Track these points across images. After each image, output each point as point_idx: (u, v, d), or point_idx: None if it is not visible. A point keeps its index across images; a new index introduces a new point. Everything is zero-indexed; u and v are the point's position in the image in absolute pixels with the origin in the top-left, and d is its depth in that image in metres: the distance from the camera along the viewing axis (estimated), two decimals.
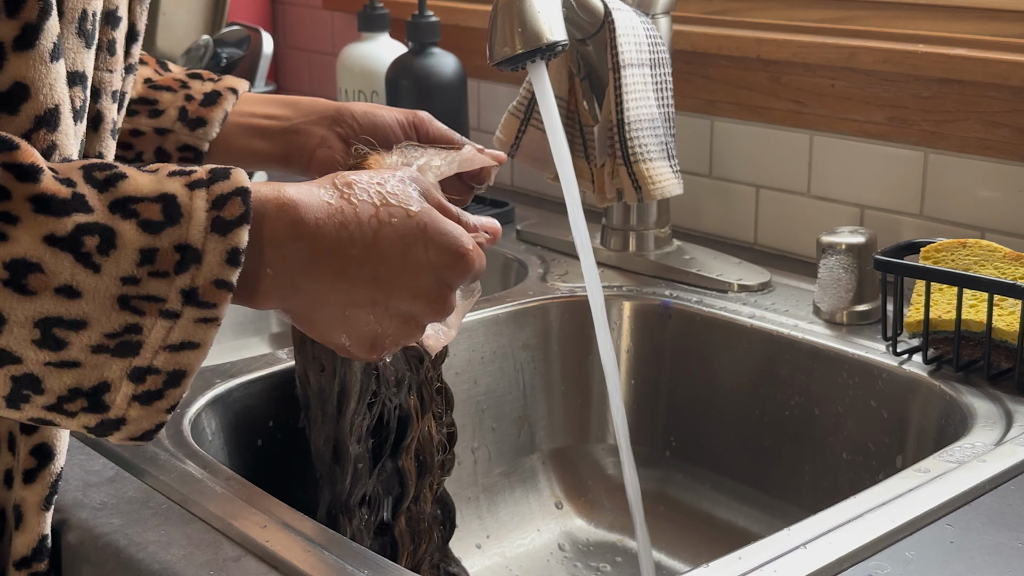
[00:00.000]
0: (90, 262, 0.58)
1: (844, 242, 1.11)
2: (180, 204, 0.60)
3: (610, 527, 1.20)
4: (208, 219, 0.60)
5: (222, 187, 0.61)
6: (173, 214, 0.60)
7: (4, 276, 0.56)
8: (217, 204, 0.61)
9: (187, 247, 0.60)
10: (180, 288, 0.60)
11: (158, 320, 0.59)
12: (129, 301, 0.59)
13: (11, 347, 0.58)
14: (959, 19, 1.23)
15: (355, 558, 0.75)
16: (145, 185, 0.60)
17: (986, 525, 0.78)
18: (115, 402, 0.60)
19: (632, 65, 1.18)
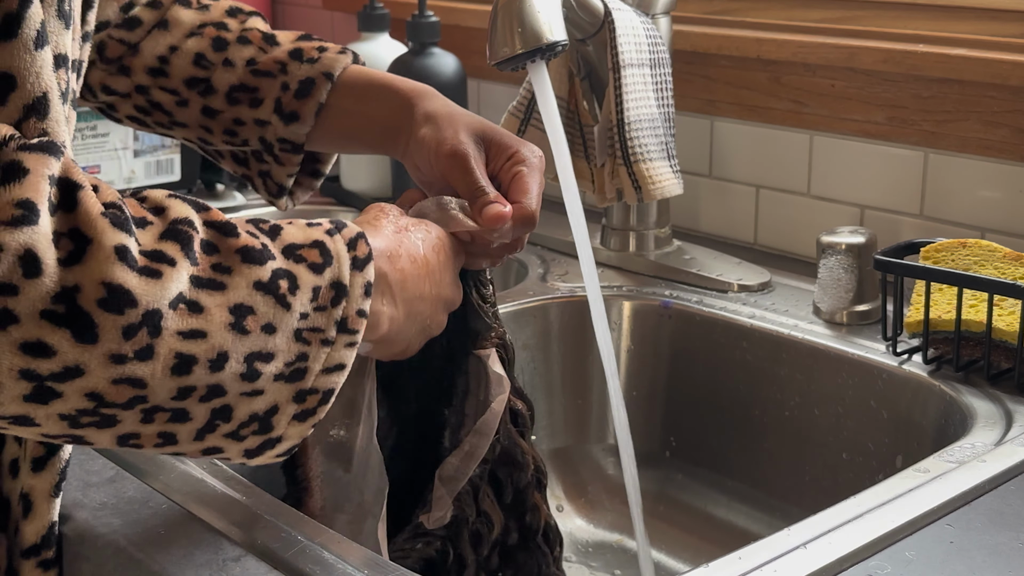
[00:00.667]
0: (284, 302, 0.66)
1: (844, 242, 1.11)
2: (329, 248, 0.69)
3: (610, 527, 1.20)
4: (349, 258, 0.70)
5: (349, 232, 0.71)
6: (327, 257, 0.69)
7: (230, 320, 0.63)
8: (351, 246, 0.70)
9: (340, 284, 0.69)
10: (335, 319, 0.68)
11: (320, 348, 0.68)
12: (302, 333, 0.67)
13: (224, 383, 0.64)
14: (959, 19, 1.23)
15: (356, 558, 0.75)
16: (298, 234, 0.69)
17: (986, 525, 0.78)
18: (280, 423, 0.68)
19: (632, 65, 1.18)
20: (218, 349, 0.63)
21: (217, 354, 0.63)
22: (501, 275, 1.36)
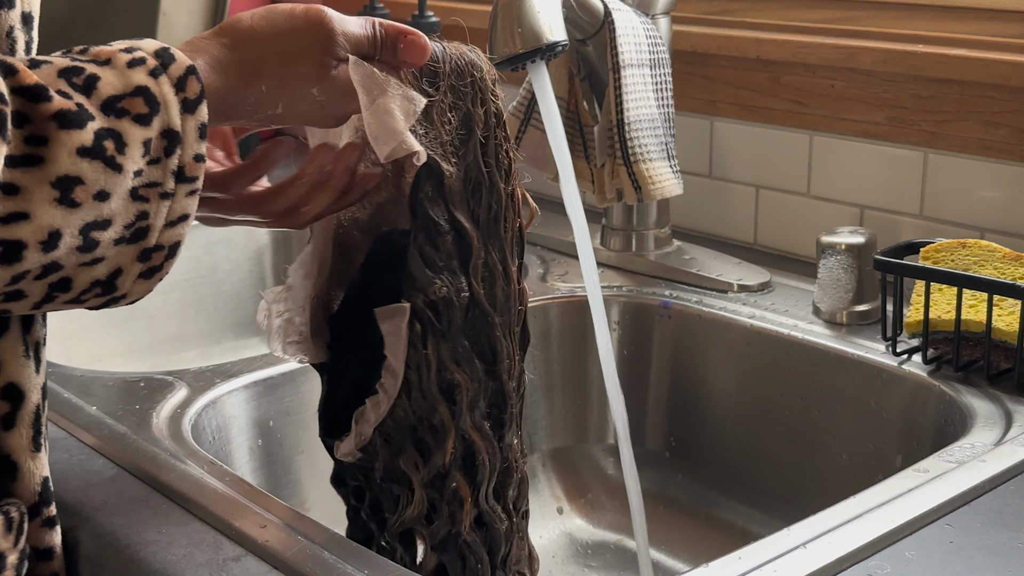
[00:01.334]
0: (114, 163, 0.62)
1: (844, 242, 1.11)
2: (154, 93, 0.64)
3: (610, 527, 1.20)
4: (179, 102, 0.65)
5: (175, 70, 0.65)
6: (153, 105, 0.64)
7: (55, 195, 0.60)
8: (179, 86, 0.65)
9: (170, 131, 0.64)
10: (171, 169, 0.64)
11: (159, 203, 0.64)
12: (138, 191, 0.63)
13: (60, 259, 0.61)
14: (959, 19, 1.23)
15: (356, 558, 0.75)
16: (117, 81, 0.63)
17: (986, 525, 0.78)
18: (125, 283, 0.65)
19: (632, 65, 1.18)
20: (47, 228, 0.60)
21: (48, 234, 0.60)
22: None
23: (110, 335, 1.43)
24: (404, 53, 0.75)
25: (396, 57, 0.75)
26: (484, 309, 0.78)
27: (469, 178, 0.77)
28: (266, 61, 0.71)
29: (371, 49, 0.74)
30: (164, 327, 1.46)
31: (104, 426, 0.94)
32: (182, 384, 1.01)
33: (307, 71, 0.72)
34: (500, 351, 0.79)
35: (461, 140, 0.77)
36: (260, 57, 0.71)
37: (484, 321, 0.78)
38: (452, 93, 0.77)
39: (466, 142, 0.77)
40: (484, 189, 0.78)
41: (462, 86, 0.78)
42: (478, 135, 0.77)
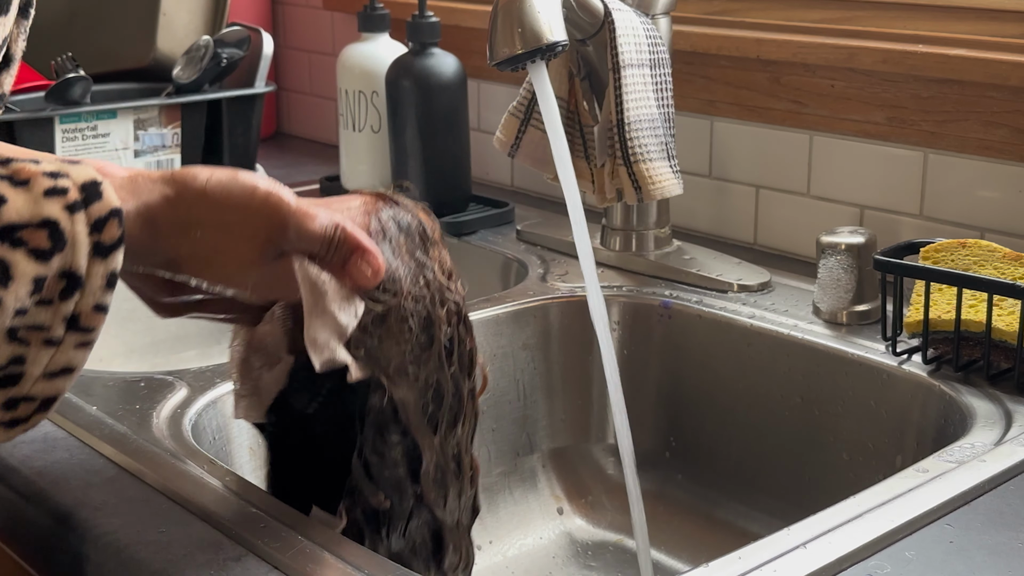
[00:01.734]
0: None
1: (844, 242, 1.11)
2: (63, 230, 0.58)
3: (610, 527, 1.20)
4: (91, 243, 0.59)
5: (98, 209, 0.60)
6: (59, 240, 0.58)
7: None
8: (96, 227, 0.60)
9: (71, 274, 0.59)
10: (64, 315, 0.59)
11: (41, 349, 0.59)
12: (16, 333, 0.57)
13: None
14: (959, 19, 1.23)
15: (356, 558, 0.75)
16: (25, 208, 0.58)
17: (986, 525, 0.78)
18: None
19: (632, 65, 1.18)
20: None
21: None
22: (501, 275, 1.37)
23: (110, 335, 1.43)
24: (353, 268, 0.70)
25: (344, 270, 0.70)
26: (432, 513, 0.76)
27: (429, 384, 0.74)
28: (204, 228, 0.66)
29: (322, 251, 0.70)
30: (164, 327, 1.46)
31: (104, 426, 0.94)
32: (182, 384, 1.01)
33: (244, 253, 0.68)
34: (446, 539, 0.77)
35: (422, 346, 0.73)
36: (199, 222, 0.66)
37: (431, 518, 0.77)
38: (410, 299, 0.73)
39: (428, 347, 0.74)
40: (446, 394, 0.75)
41: (417, 290, 0.74)
42: (441, 339, 0.74)
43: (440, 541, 0.78)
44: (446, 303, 0.75)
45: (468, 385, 0.77)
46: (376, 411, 0.73)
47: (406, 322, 0.72)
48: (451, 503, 0.77)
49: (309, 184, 1.68)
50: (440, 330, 0.74)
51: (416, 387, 0.73)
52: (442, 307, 0.74)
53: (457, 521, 0.79)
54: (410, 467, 0.75)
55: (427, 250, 0.76)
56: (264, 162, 1.74)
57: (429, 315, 0.73)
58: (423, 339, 0.73)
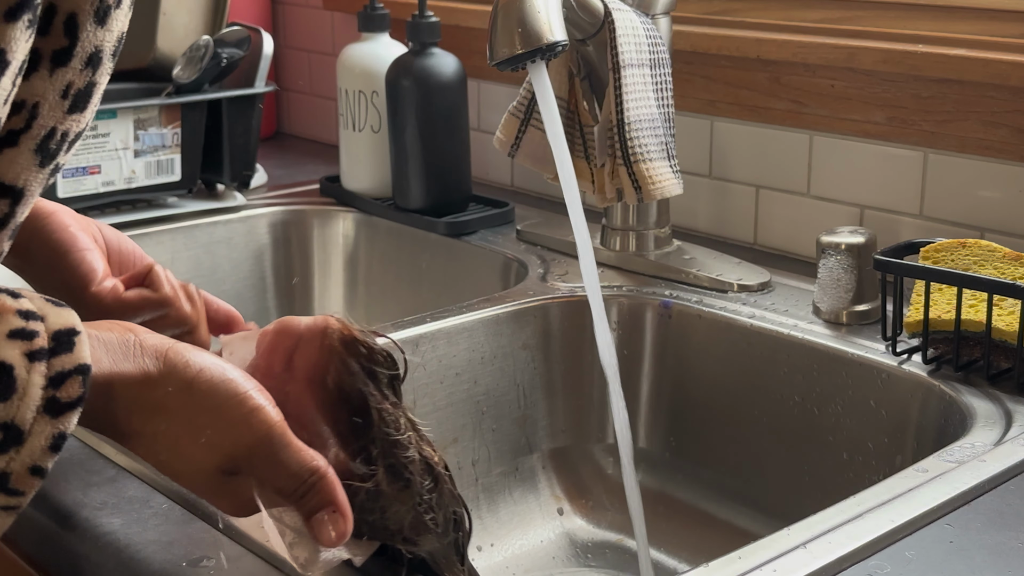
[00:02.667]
0: None
1: (844, 242, 1.11)
2: (16, 377, 0.54)
3: (610, 527, 1.20)
4: (43, 398, 0.55)
5: (63, 362, 0.56)
6: (7, 388, 0.54)
7: None
8: (55, 382, 0.55)
9: (11, 426, 0.54)
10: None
11: None
12: None
13: None
14: (959, 19, 1.23)
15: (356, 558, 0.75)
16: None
17: (986, 525, 0.78)
18: None
19: (632, 65, 1.18)
20: None
21: None
22: (501, 275, 1.37)
23: None
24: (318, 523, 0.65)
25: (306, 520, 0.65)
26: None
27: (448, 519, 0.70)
28: (173, 421, 0.62)
29: (289, 489, 0.65)
30: None
31: None
32: None
33: (202, 459, 0.63)
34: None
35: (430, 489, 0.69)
36: (171, 412, 0.62)
37: None
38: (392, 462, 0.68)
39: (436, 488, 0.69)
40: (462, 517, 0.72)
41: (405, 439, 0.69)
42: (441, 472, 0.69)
43: None
44: (423, 436, 0.71)
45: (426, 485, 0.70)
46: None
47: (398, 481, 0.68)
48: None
49: (309, 184, 1.68)
50: (438, 464, 0.70)
51: (438, 532, 0.70)
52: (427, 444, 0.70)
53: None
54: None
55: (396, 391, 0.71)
56: (264, 162, 1.74)
57: (422, 456, 0.69)
58: (428, 483, 0.69)
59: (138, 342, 0.63)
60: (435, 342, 1.14)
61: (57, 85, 0.59)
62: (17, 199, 0.61)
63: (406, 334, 1.13)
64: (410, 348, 1.12)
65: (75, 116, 0.61)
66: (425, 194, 1.45)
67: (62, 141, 0.62)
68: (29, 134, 0.59)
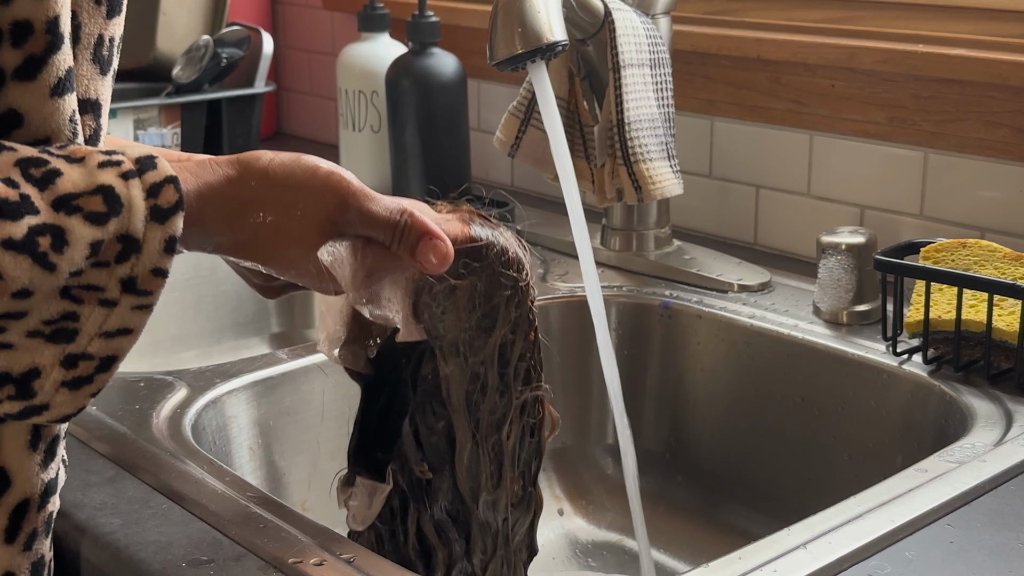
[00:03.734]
0: (47, 262, 0.57)
1: (844, 242, 1.11)
2: (119, 194, 0.59)
3: (610, 527, 1.20)
4: (147, 208, 0.60)
5: (154, 176, 0.61)
6: (115, 204, 0.59)
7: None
8: (152, 192, 0.61)
9: (128, 237, 0.59)
10: (120, 277, 0.60)
11: (96, 308, 0.59)
12: (70, 291, 0.59)
13: None
14: (959, 19, 1.23)
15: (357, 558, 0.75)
16: (80, 180, 0.59)
17: (986, 525, 0.78)
18: (43, 388, 0.60)
19: (632, 65, 1.18)
20: None
21: None
22: None
23: None
24: (421, 255, 0.70)
25: (412, 256, 0.71)
26: (467, 506, 0.77)
27: (477, 375, 0.75)
28: (266, 208, 0.67)
29: (387, 236, 0.70)
30: (164, 327, 1.46)
31: (104, 426, 0.94)
32: (182, 384, 1.01)
33: (306, 235, 0.68)
34: (475, 534, 0.78)
35: (481, 332, 0.74)
36: (261, 202, 0.67)
37: (463, 507, 0.77)
38: (489, 282, 0.74)
39: (486, 337, 0.74)
40: (492, 391, 0.75)
41: (503, 279, 0.74)
42: (499, 335, 0.74)
43: (469, 534, 0.78)
44: (521, 308, 0.76)
45: (520, 396, 0.77)
46: (426, 380, 0.74)
47: (473, 301, 0.73)
48: (485, 504, 0.77)
49: None
50: (503, 325, 0.74)
51: (465, 369, 0.74)
52: (516, 308, 0.75)
53: (496, 532, 0.78)
54: (449, 442, 0.76)
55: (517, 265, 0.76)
56: None
57: (498, 307, 0.74)
58: (485, 324, 0.74)
59: (212, 159, 0.68)
60: None
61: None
62: (97, 112, 0.66)
63: None
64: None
65: (114, 20, 0.67)
66: (425, 194, 1.45)
67: (111, 46, 0.67)
68: (81, 45, 0.64)
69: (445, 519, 0.77)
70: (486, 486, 0.77)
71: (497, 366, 0.75)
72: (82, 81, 0.65)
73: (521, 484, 0.79)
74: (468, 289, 0.74)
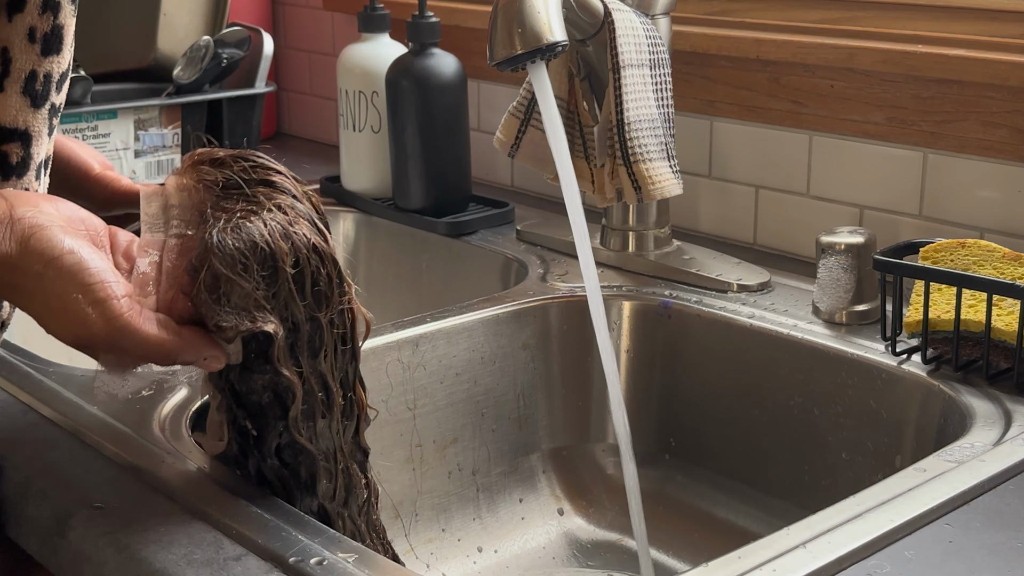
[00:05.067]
0: None
1: (843, 242, 1.11)
2: None
3: (610, 527, 1.20)
4: None
5: None
6: None
7: None
8: None
9: None
10: None
11: None
12: None
13: None
14: (958, 19, 1.23)
15: (357, 558, 0.75)
16: None
17: (985, 525, 0.78)
18: None
19: (632, 65, 1.19)
20: None
21: None
22: (501, 275, 1.37)
23: None
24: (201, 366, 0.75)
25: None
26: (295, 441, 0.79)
27: (285, 319, 0.77)
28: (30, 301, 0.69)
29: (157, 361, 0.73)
30: None
31: (104, 426, 0.94)
32: (182, 384, 1.01)
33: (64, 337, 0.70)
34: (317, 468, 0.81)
35: (269, 279, 0.75)
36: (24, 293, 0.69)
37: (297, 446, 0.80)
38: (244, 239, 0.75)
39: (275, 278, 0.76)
40: (303, 324, 0.77)
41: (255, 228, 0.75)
42: (286, 272, 0.76)
43: (312, 469, 0.81)
44: (291, 237, 0.76)
45: (326, 317, 0.78)
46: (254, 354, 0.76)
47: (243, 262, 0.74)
48: (321, 431, 0.80)
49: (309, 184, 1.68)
50: (284, 261, 0.75)
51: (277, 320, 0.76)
52: (286, 240, 0.76)
53: (334, 452, 0.82)
54: (276, 395, 0.78)
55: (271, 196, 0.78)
56: None
57: (272, 251, 0.75)
58: (268, 267, 0.75)
59: (10, 223, 0.68)
60: (435, 342, 1.14)
61: (20, 29, 0.67)
62: (27, 142, 0.69)
63: (406, 334, 1.13)
64: (410, 348, 1.13)
65: (51, 58, 0.69)
66: (425, 194, 1.45)
67: (47, 82, 0.69)
68: (11, 78, 0.67)
69: (279, 466, 0.80)
70: (319, 414, 0.80)
71: (298, 297, 0.77)
72: (10, 111, 0.67)
73: (342, 394, 0.81)
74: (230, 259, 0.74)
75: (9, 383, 1.01)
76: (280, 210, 0.77)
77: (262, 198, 0.77)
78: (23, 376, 1.03)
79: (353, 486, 0.84)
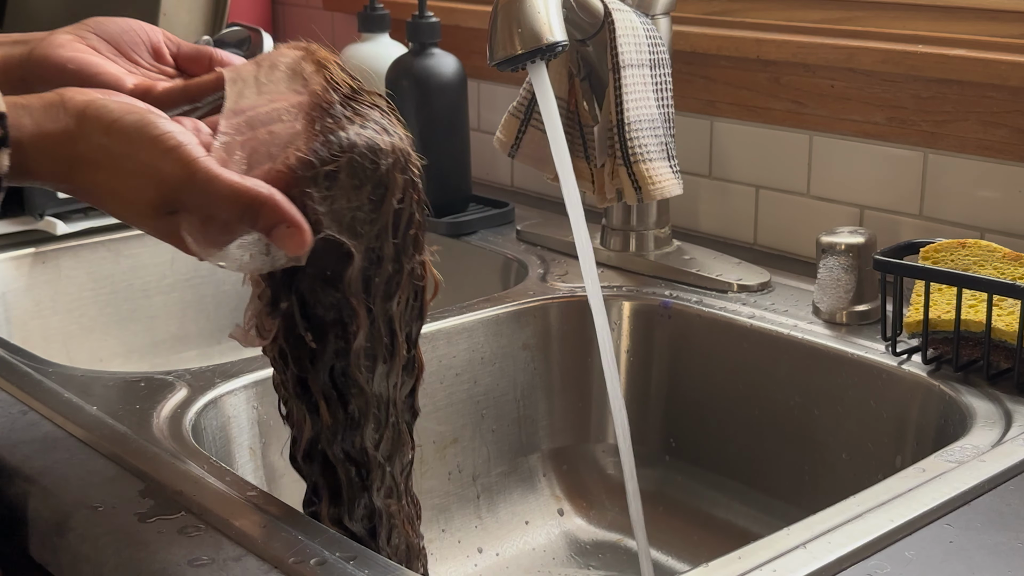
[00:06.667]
0: None
1: (844, 242, 1.11)
2: None
3: (610, 527, 1.20)
4: None
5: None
6: None
7: None
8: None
9: None
10: None
11: None
12: None
13: None
14: (958, 19, 1.23)
15: (357, 559, 0.75)
16: None
17: (985, 525, 0.78)
18: None
19: (632, 65, 1.19)
20: None
21: None
22: (501, 275, 1.37)
23: (110, 335, 1.43)
24: (277, 239, 0.68)
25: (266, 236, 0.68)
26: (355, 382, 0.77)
27: (372, 250, 0.74)
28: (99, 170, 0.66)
29: (233, 217, 0.67)
30: (164, 327, 1.46)
31: (104, 426, 0.94)
32: (182, 384, 1.01)
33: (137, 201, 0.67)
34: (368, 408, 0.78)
35: (374, 204, 0.73)
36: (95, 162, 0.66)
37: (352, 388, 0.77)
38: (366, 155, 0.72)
39: (380, 207, 0.73)
40: (388, 261, 0.75)
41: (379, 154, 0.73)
42: (391, 202, 0.74)
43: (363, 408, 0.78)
44: (407, 171, 0.74)
45: (409, 263, 0.77)
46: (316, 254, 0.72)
47: (359, 177, 0.72)
48: (380, 378, 0.78)
49: None
50: (393, 192, 0.73)
51: (360, 248, 0.73)
52: (402, 173, 0.74)
53: (387, 403, 0.79)
54: (341, 319, 0.75)
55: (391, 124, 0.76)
56: None
57: (384, 176, 0.73)
58: (377, 194, 0.73)
59: (62, 103, 0.66)
60: (435, 342, 1.14)
61: None
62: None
63: None
64: None
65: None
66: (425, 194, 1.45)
67: None
68: None
69: (329, 386, 0.77)
70: (381, 358, 0.77)
71: (391, 236, 0.75)
72: None
73: (407, 348, 0.79)
74: (348, 167, 0.71)
75: (9, 383, 1.01)
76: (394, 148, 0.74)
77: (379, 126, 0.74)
78: (23, 376, 1.03)
79: (401, 443, 0.81)
